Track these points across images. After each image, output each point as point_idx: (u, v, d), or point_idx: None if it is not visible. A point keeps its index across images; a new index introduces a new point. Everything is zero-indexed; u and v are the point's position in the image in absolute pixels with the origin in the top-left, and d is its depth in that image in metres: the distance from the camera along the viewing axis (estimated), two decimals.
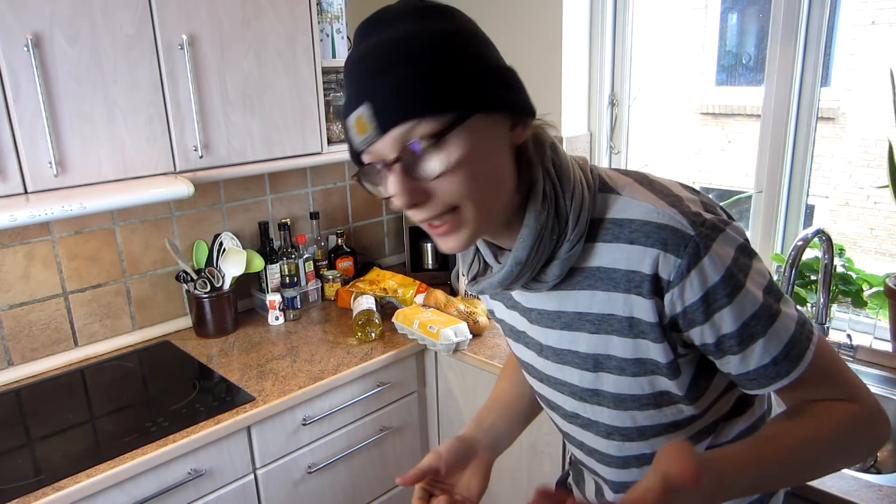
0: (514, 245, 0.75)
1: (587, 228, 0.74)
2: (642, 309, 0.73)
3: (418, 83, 0.64)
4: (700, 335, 0.73)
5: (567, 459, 1.24)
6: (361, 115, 0.65)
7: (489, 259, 0.82)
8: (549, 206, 0.73)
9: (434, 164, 0.66)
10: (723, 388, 0.85)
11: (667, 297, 0.72)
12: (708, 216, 0.71)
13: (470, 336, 1.80)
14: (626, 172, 0.80)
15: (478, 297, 2.00)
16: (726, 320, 0.71)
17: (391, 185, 0.67)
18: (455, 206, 0.69)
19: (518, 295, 0.87)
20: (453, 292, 2.14)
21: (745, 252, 0.72)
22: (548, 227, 0.73)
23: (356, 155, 0.70)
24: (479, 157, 0.67)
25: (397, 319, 1.90)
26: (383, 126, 0.65)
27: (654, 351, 0.76)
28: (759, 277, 0.72)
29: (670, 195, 0.74)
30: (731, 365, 0.75)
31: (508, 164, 0.71)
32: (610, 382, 0.82)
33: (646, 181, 0.77)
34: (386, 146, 0.66)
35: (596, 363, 0.81)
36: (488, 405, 1.03)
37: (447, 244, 0.72)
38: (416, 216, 0.70)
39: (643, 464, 0.89)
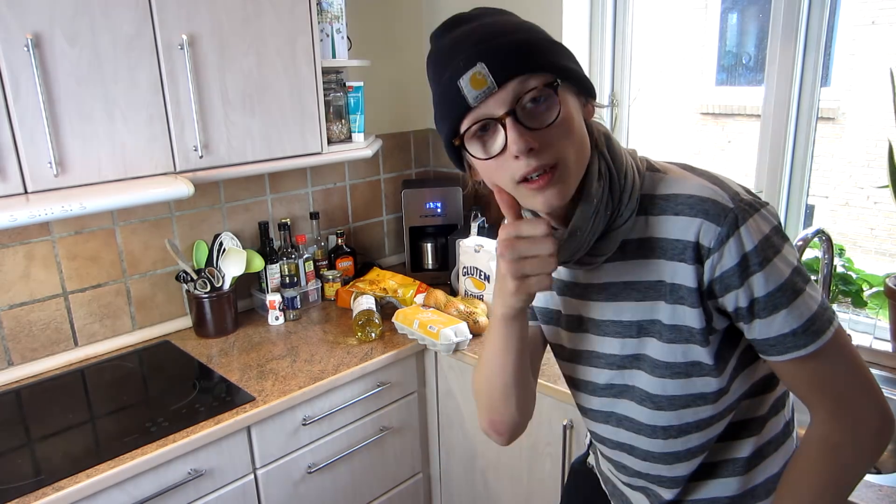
0: (570, 219, 0.82)
1: (638, 205, 0.83)
2: (685, 275, 0.81)
3: (527, 46, 0.74)
4: (735, 299, 0.80)
5: (586, 442, 1.28)
6: (479, 72, 0.73)
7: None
8: (605, 183, 0.81)
9: (548, 113, 0.74)
10: (743, 363, 0.90)
11: (707, 263, 0.79)
12: (747, 196, 0.80)
13: (470, 336, 1.80)
14: (669, 162, 0.90)
15: (481, 298, 2.00)
16: (758, 285, 0.78)
17: (509, 134, 0.74)
18: (554, 165, 0.76)
19: (563, 273, 0.94)
20: (453, 292, 2.14)
21: (779, 233, 0.80)
22: (603, 201, 0.81)
23: (457, 121, 0.77)
24: (574, 117, 0.77)
25: (397, 319, 1.90)
26: (500, 79, 0.73)
27: (690, 317, 0.83)
28: (788, 257, 0.80)
29: (712, 177, 0.84)
30: (756, 330, 0.81)
31: (586, 134, 0.80)
32: (652, 347, 0.88)
33: (689, 167, 0.87)
34: (498, 101, 0.74)
35: (640, 329, 0.88)
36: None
37: (546, 197, 0.77)
38: (522, 167, 0.75)
39: (669, 436, 0.91)
